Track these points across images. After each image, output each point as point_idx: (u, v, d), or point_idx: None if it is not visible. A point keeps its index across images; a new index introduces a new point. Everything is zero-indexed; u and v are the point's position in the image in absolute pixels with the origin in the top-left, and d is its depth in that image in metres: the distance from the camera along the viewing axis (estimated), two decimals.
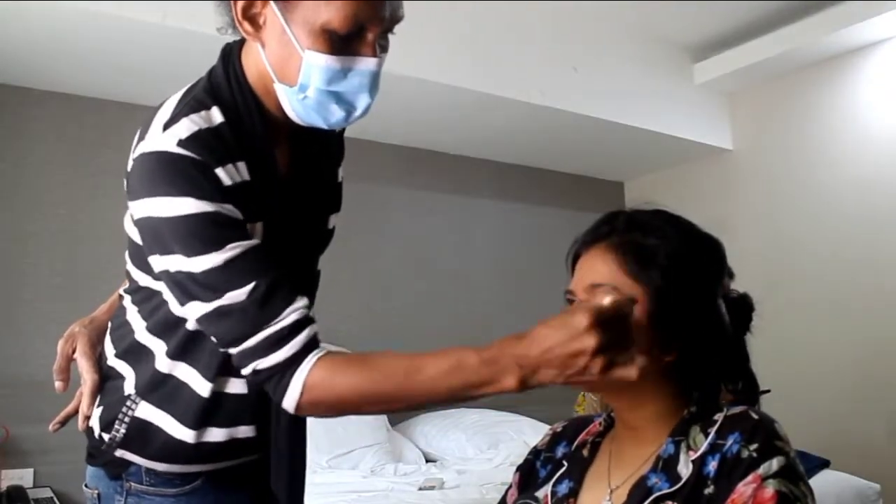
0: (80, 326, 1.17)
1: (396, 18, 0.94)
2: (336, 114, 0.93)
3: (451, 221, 3.87)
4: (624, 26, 3.56)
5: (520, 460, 1.08)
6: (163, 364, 1.00)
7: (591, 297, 0.90)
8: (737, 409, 0.88)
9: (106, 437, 1.02)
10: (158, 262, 0.92)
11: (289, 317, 0.87)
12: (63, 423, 1.13)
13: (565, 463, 0.99)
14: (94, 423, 1.05)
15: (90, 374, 1.08)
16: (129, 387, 1.02)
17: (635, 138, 3.73)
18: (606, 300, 0.80)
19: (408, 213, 3.75)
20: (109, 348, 1.08)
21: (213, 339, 0.91)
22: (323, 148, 1.08)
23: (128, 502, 1.02)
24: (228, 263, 0.87)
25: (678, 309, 0.89)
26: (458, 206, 3.90)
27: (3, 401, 2.60)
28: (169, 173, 0.87)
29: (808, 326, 3.53)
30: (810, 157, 3.65)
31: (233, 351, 0.88)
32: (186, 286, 0.89)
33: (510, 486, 1.06)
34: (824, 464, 2.65)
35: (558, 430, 1.07)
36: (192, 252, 0.87)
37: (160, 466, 1.01)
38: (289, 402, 0.86)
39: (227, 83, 0.96)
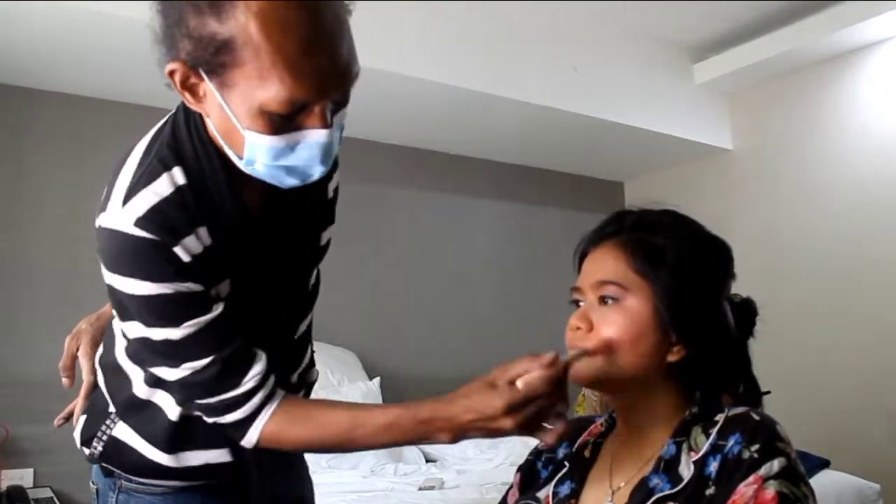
0: (87, 324, 1.18)
1: (348, 80, 0.84)
2: (289, 181, 0.88)
3: (451, 221, 3.87)
4: (624, 26, 3.56)
5: (520, 460, 1.08)
6: (140, 390, 1.02)
7: (598, 294, 0.91)
8: (738, 410, 0.88)
9: (86, 451, 1.05)
10: (121, 324, 0.96)
11: (244, 385, 0.92)
12: (67, 419, 1.14)
13: (567, 464, 0.99)
14: (77, 434, 1.08)
15: (87, 376, 1.10)
16: (111, 402, 1.05)
17: (635, 138, 3.73)
18: (520, 382, 0.84)
19: (408, 213, 3.75)
20: (100, 350, 1.10)
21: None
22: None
23: (119, 499, 1.05)
24: (186, 339, 0.90)
25: (684, 309, 0.90)
26: (458, 206, 3.90)
27: (3, 401, 2.60)
28: (128, 256, 0.87)
29: (808, 326, 3.53)
30: (810, 157, 3.65)
31: (195, 403, 0.95)
32: (148, 351, 0.94)
33: (511, 487, 1.06)
34: (824, 464, 2.65)
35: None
36: (150, 324, 0.90)
37: (139, 479, 1.04)
38: (246, 445, 0.95)
39: (188, 139, 0.91)
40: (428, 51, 2.97)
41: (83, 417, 1.07)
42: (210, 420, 0.95)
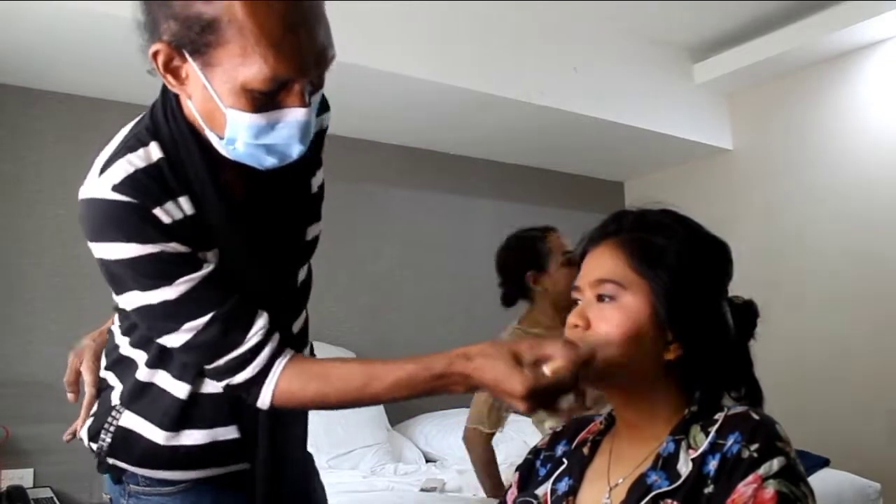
0: (89, 340, 1.20)
1: (324, 62, 0.87)
2: (268, 161, 0.91)
3: (451, 221, 3.87)
4: (624, 26, 3.56)
5: (520, 460, 1.08)
6: (142, 373, 1.03)
7: (596, 293, 0.92)
8: (737, 410, 0.88)
9: (94, 446, 1.06)
10: (121, 300, 0.97)
11: (249, 341, 0.93)
12: (74, 434, 1.16)
13: (565, 461, 1.00)
14: (83, 434, 1.10)
15: (89, 388, 1.12)
16: (115, 397, 1.06)
17: (635, 138, 3.73)
18: (548, 369, 0.83)
19: (408, 213, 3.75)
20: (102, 361, 1.13)
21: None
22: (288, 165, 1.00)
23: (129, 501, 1.05)
24: (182, 297, 0.91)
25: (681, 308, 0.90)
26: (458, 206, 3.90)
27: (3, 401, 2.60)
28: (108, 220, 0.90)
29: (809, 326, 3.53)
30: (810, 157, 3.65)
31: (205, 369, 0.96)
32: (150, 318, 0.95)
33: (510, 486, 1.06)
34: (824, 463, 2.65)
35: (558, 429, 1.07)
36: (145, 287, 0.92)
37: (146, 472, 1.03)
38: (261, 406, 0.95)
39: (164, 119, 0.95)
40: (428, 51, 2.96)
41: (89, 420, 1.10)
42: (222, 384, 0.96)
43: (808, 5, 3.31)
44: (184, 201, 0.93)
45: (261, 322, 0.94)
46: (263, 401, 0.94)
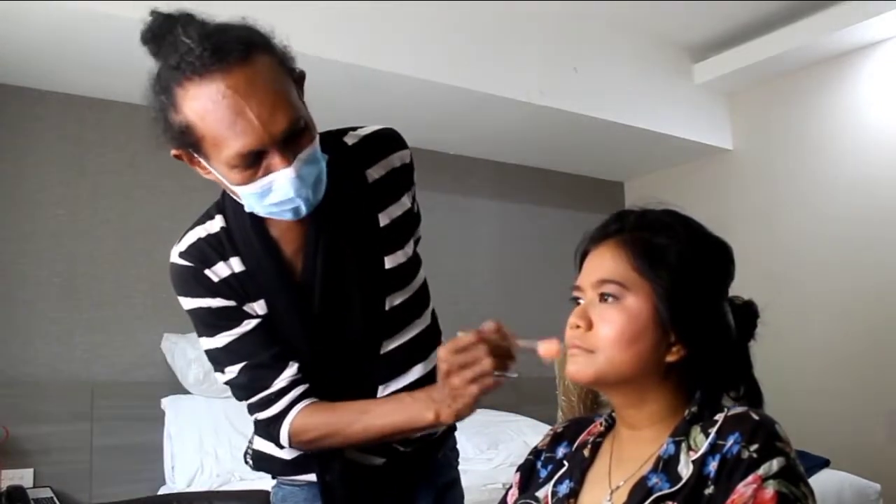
0: None
1: (285, 125, 0.98)
2: (287, 215, 1.06)
3: (451, 221, 3.87)
4: (624, 26, 3.56)
5: (520, 460, 1.08)
6: None
7: (598, 293, 0.92)
8: (737, 410, 0.88)
9: (248, 465, 1.32)
10: None
11: (275, 385, 1.13)
12: None
13: (566, 463, 0.99)
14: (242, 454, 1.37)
15: None
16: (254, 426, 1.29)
17: (635, 138, 3.73)
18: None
19: None
20: None
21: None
22: (347, 205, 1.15)
23: (275, 491, 1.30)
24: (223, 347, 1.15)
25: (684, 309, 0.90)
26: (458, 206, 3.90)
27: (3, 401, 2.60)
28: (175, 280, 1.15)
29: (808, 326, 3.53)
30: (810, 157, 3.65)
31: (247, 405, 1.18)
32: (208, 360, 1.19)
33: (510, 486, 1.06)
34: (824, 463, 2.65)
35: (559, 430, 1.07)
36: (200, 334, 1.17)
37: (286, 479, 1.27)
38: (283, 443, 1.16)
39: (227, 194, 1.13)
40: (427, 51, 2.97)
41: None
42: (253, 420, 1.19)
43: (808, 5, 3.31)
44: (235, 261, 1.13)
45: (288, 373, 1.14)
46: (283, 437, 1.14)
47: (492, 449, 2.99)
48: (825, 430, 3.20)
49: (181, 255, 1.14)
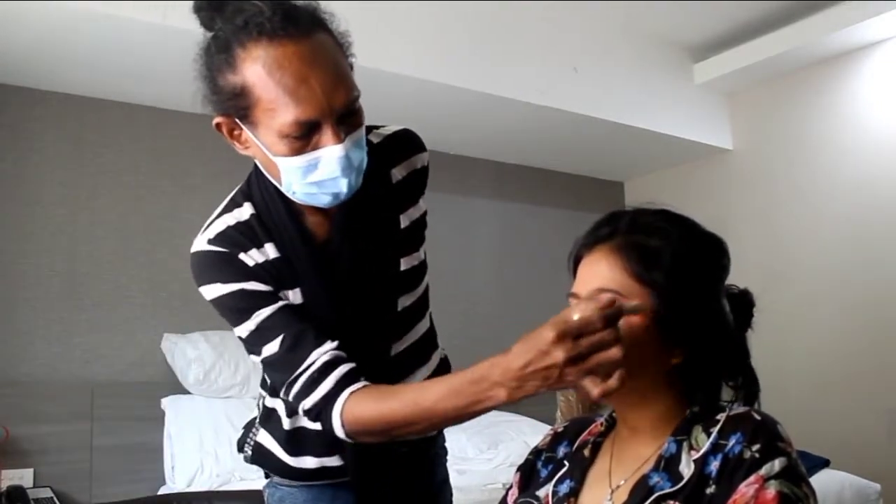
0: None
1: (343, 102, 0.98)
2: (324, 199, 1.03)
3: (451, 221, 3.87)
4: (624, 26, 3.56)
5: (520, 460, 1.08)
6: (269, 399, 1.23)
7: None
8: (739, 410, 0.88)
9: (242, 455, 1.27)
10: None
11: (317, 361, 1.04)
12: None
13: (566, 463, 0.99)
14: (235, 442, 1.32)
15: None
16: (258, 416, 1.27)
17: (635, 138, 3.73)
18: (575, 314, 0.80)
19: None
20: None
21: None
22: (372, 204, 1.13)
23: (269, 490, 1.27)
24: (259, 326, 1.07)
25: (684, 310, 0.89)
26: (458, 206, 3.90)
27: (3, 401, 2.59)
28: (205, 266, 1.10)
29: (808, 326, 3.54)
30: (810, 157, 3.65)
31: (285, 397, 1.09)
32: (245, 347, 1.11)
33: (511, 486, 1.06)
34: (824, 463, 2.65)
35: (559, 430, 1.07)
36: (233, 322, 1.09)
37: (281, 480, 1.23)
38: (338, 433, 1.03)
39: (256, 182, 1.12)
40: (427, 51, 2.96)
41: (241, 431, 1.30)
42: (301, 411, 1.06)
43: (808, 5, 3.31)
44: (269, 247, 1.09)
45: (328, 346, 1.05)
46: (336, 425, 1.02)
47: (492, 449, 2.99)
48: (825, 429, 3.20)
49: (210, 241, 1.09)
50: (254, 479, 2.26)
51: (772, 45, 3.50)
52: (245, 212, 1.11)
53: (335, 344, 1.06)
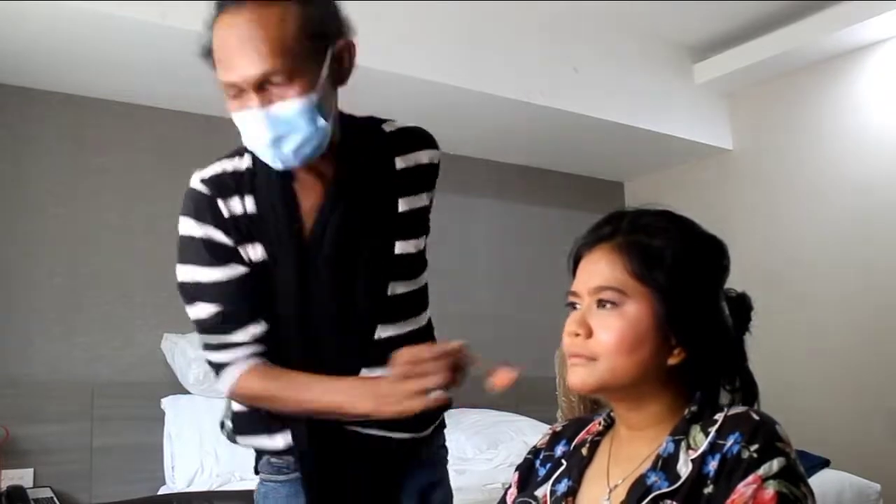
0: None
1: (265, 71, 1.04)
2: (270, 159, 1.10)
3: (451, 221, 3.87)
4: (624, 26, 3.56)
5: (520, 460, 1.08)
6: None
7: (596, 299, 0.91)
8: (738, 410, 0.88)
9: (223, 432, 1.32)
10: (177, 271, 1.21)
11: (237, 337, 1.15)
12: None
13: (564, 462, 0.99)
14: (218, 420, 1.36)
15: None
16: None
17: (635, 138, 3.73)
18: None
19: None
20: None
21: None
22: (371, 184, 1.20)
23: (258, 488, 1.30)
24: (207, 283, 1.15)
25: (684, 311, 0.89)
26: (458, 206, 3.90)
27: (3, 401, 2.60)
28: (186, 202, 1.17)
29: (808, 326, 3.54)
30: (810, 157, 3.66)
31: (201, 336, 1.18)
32: (183, 293, 1.18)
33: (510, 486, 1.06)
34: (824, 463, 2.65)
35: (558, 429, 1.07)
36: (185, 261, 1.17)
37: (266, 476, 1.27)
38: (223, 389, 1.17)
39: None
40: (427, 50, 2.97)
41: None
42: (205, 358, 1.18)
43: (808, 5, 3.31)
44: (249, 200, 1.16)
45: (255, 329, 1.15)
46: (224, 383, 1.16)
47: (491, 449, 2.99)
48: (825, 429, 3.20)
49: (203, 181, 1.17)
50: (254, 479, 2.26)
51: (772, 45, 3.50)
52: (243, 163, 1.18)
53: (261, 329, 1.15)
